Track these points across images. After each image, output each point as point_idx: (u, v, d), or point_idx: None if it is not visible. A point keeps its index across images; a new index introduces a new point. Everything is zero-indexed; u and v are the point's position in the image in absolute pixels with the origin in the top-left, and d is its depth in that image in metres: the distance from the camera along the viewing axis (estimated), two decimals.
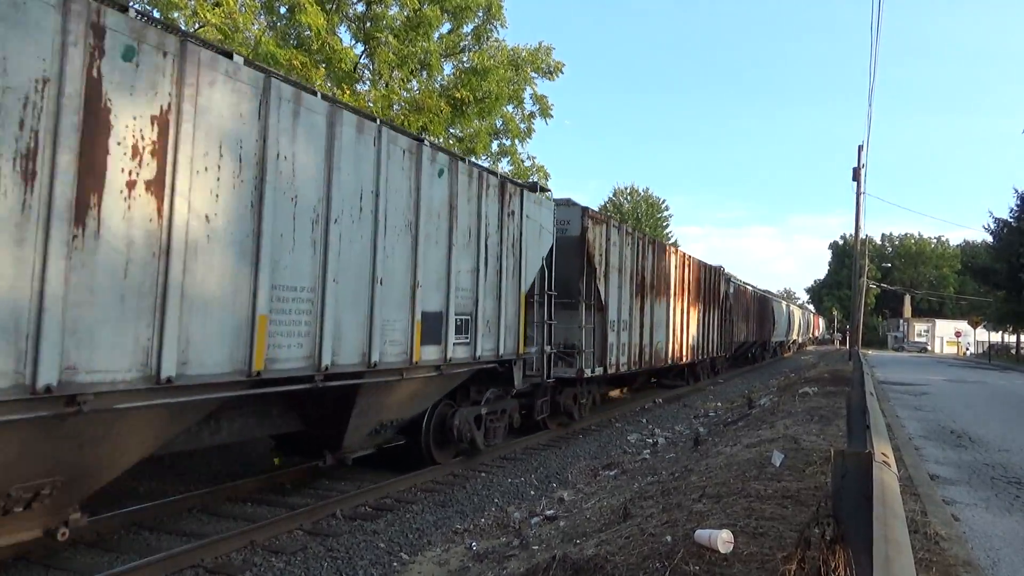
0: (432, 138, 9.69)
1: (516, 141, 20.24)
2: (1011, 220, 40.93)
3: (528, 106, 19.89)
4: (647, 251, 16.83)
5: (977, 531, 6.04)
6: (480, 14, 18.14)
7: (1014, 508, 6.92)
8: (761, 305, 37.99)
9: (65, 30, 4.26)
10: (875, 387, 14.39)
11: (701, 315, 22.11)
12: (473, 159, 10.80)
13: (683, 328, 19.83)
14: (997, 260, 43.48)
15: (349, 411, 7.29)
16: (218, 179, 5.33)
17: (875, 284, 76.29)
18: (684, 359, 20.21)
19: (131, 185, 4.67)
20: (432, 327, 8.08)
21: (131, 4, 4.84)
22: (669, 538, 4.88)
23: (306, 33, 15.18)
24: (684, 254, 20.60)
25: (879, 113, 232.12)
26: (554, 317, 11.56)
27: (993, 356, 52.92)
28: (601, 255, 13.59)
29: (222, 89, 5.37)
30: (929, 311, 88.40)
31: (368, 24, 16.76)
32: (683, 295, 19.89)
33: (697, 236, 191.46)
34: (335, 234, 6.53)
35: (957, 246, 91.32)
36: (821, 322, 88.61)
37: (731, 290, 27.91)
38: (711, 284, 23.59)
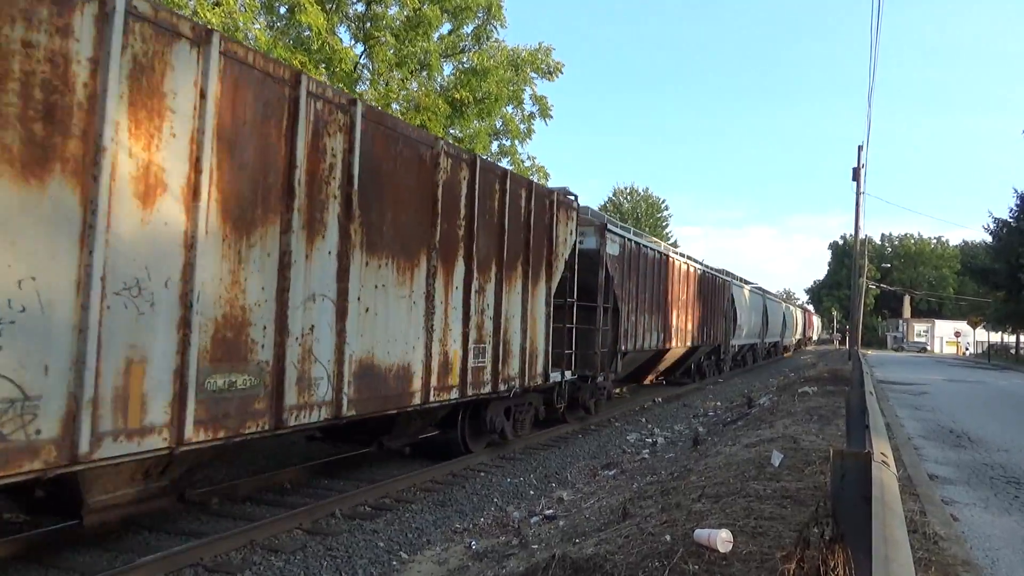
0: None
1: (516, 142, 20.28)
2: (1011, 220, 40.93)
3: (528, 107, 19.94)
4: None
5: (976, 531, 6.05)
6: (480, 14, 18.15)
7: (1013, 508, 6.93)
8: (707, 289, 23.69)
9: None
10: (874, 387, 14.39)
11: (506, 295, 9.77)
12: None
13: (411, 324, 7.81)
14: (996, 260, 43.49)
15: None
16: None
17: (875, 284, 76.30)
18: (416, 399, 7.89)
19: None
20: None
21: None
22: (668, 537, 4.88)
23: (306, 33, 15.19)
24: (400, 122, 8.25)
25: (879, 113, 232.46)
26: None
27: (992, 356, 53.00)
28: None
29: None
30: (929, 311, 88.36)
31: (368, 24, 16.77)
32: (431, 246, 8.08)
33: (695, 236, 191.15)
34: None
35: (956, 246, 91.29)
36: (816, 321, 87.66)
37: (611, 251, 14.33)
38: (536, 229, 10.50)
